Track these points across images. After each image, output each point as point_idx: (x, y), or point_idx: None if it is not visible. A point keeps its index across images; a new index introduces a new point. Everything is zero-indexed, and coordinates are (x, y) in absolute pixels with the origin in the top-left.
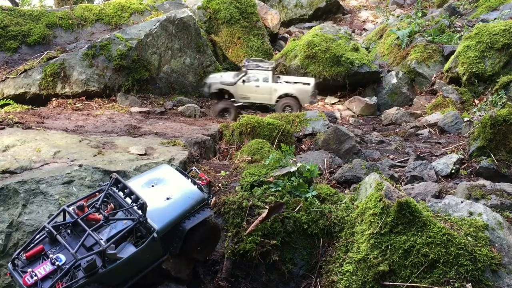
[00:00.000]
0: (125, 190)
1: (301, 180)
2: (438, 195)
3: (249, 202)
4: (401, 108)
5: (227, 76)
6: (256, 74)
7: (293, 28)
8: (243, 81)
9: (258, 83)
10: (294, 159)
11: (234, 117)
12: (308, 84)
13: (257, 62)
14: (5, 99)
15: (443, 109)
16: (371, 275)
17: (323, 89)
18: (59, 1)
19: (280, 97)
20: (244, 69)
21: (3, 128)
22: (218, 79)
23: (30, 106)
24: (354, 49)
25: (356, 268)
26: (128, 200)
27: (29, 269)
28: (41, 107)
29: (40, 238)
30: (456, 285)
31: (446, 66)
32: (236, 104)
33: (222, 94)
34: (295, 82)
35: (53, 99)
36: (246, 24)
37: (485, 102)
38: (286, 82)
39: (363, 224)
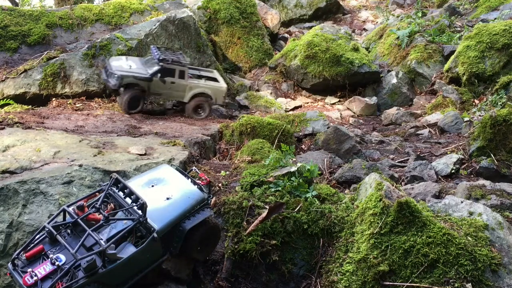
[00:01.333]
0: (125, 190)
1: (301, 180)
2: (438, 195)
3: (249, 202)
4: (401, 108)
5: (136, 65)
6: (172, 69)
7: (293, 28)
8: (161, 77)
9: (174, 79)
10: (294, 159)
11: (141, 108)
12: (215, 79)
13: (168, 53)
14: (5, 99)
15: (443, 109)
16: (371, 275)
17: (323, 89)
18: (59, 1)
19: (194, 96)
20: (160, 63)
21: (3, 128)
22: (128, 69)
23: (30, 106)
24: (354, 49)
25: (356, 268)
26: (128, 200)
27: (29, 269)
28: (41, 107)
29: (40, 238)
30: (456, 285)
31: (446, 66)
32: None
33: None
34: (200, 76)
35: (53, 99)
36: (246, 24)
37: (485, 102)
38: (193, 74)
39: (363, 224)
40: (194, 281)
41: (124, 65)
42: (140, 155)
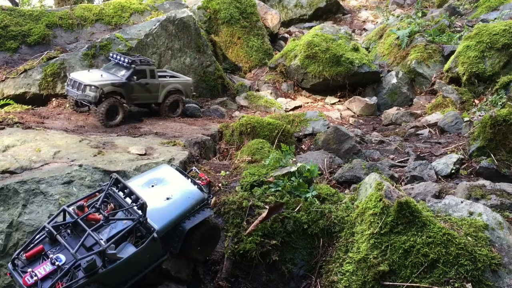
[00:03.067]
0: (125, 190)
1: (301, 180)
2: (438, 195)
3: (249, 202)
4: (401, 108)
5: (105, 74)
6: (143, 70)
7: (293, 28)
8: (136, 79)
9: (147, 79)
10: (294, 159)
11: (122, 118)
12: (175, 76)
13: (123, 56)
14: (5, 99)
15: (443, 109)
16: (371, 275)
17: (323, 89)
18: (59, 1)
19: (168, 93)
20: (132, 65)
21: (3, 128)
22: (102, 79)
23: (30, 106)
24: (354, 49)
25: (356, 268)
26: (128, 200)
27: (29, 269)
28: (41, 107)
29: (40, 238)
30: (456, 285)
31: (446, 66)
32: (125, 103)
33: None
34: (161, 76)
35: (53, 99)
36: (246, 24)
37: (485, 102)
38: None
39: (363, 224)
40: (194, 281)
41: (95, 76)
42: (140, 155)
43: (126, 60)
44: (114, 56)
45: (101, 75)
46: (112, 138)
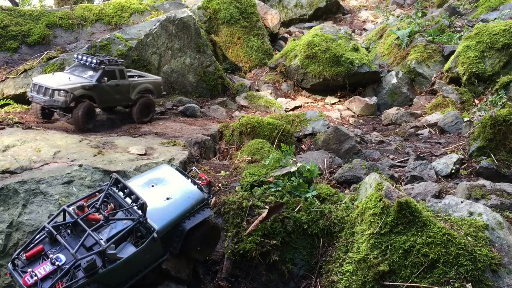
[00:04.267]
0: (125, 190)
1: (301, 180)
2: (438, 195)
3: (249, 202)
4: (401, 108)
5: (73, 77)
6: (113, 70)
7: (293, 28)
8: (107, 80)
9: (117, 80)
10: (294, 159)
11: (95, 123)
12: (142, 75)
13: (90, 56)
14: (5, 99)
15: (443, 109)
16: (371, 275)
17: (323, 89)
18: (59, 1)
19: (139, 94)
20: (101, 65)
21: (3, 128)
22: (71, 82)
23: (30, 106)
24: (354, 49)
25: (356, 268)
26: (128, 200)
27: (29, 269)
28: None
29: (40, 238)
30: (456, 285)
31: (446, 66)
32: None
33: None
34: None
35: None
36: (246, 24)
37: (485, 102)
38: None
39: (363, 224)
40: (194, 281)
41: (62, 80)
42: (140, 155)
43: (94, 61)
44: (80, 57)
45: (69, 78)
46: (112, 138)
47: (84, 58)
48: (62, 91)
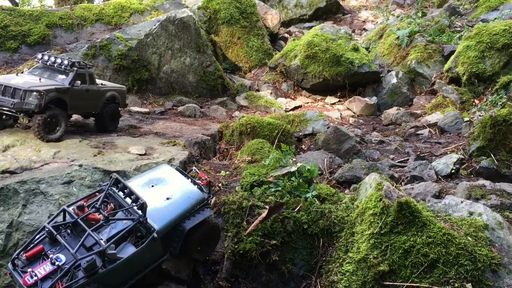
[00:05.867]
0: (125, 190)
1: (301, 180)
2: (438, 195)
3: (249, 202)
4: (401, 108)
5: (41, 78)
6: (83, 74)
7: (293, 28)
8: (79, 84)
9: (87, 85)
10: (294, 159)
11: (64, 131)
12: (102, 83)
13: (59, 57)
14: None
15: (443, 109)
16: (371, 275)
17: (323, 89)
18: (59, 1)
19: (105, 103)
20: (73, 67)
21: (3, 128)
22: (42, 83)
23: None
24: (354, 49)
25: (356, 268)
26: (128, 200)
27: (29, 269)
28: None
29: (40, 238)
30: (456, 285)
31: (446, 66)
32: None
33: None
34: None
35: None
36: (246, 24)
37: (485, 102)
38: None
39: (363, 224)
40: (194, 281)
41: (32, 81)
42: (140, 155)
43: (66, 62)
44: (46, 58)
45: (40, 80)
46: (112, 138)
47: (52, 59)
48: (35, 93)
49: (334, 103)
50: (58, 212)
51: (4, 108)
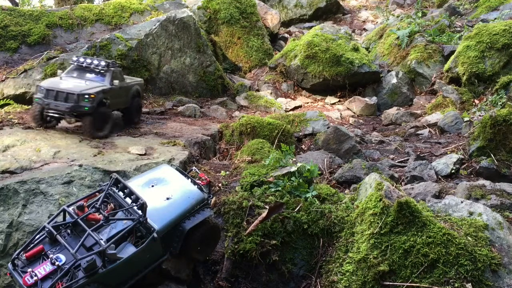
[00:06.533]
0: (125, 190)
1: (301, 180)
2: (438, 195)
3: (249, 202)
4: (401, 108)
5: (85, 80)
6: (117, 72)
7: (293, 28)
8: (113, 84)
9: (121, 83)
10: (294, 159)
11: (109, 129)
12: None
13: (95, 59)
14: (5, 99)
15: (443, 109)
16: (371, 275)
17: (323, 89)
18: (59, 1)
19: (132, 97)
20: (111, 68)
21: (3, 128)
22: (89, 86)
23: (30, 106)
24: (354, 49)
25: (356, 268)
26: (128, 200)
27: (29, 269)
28: None
29: (40, 238)
30: (456, 285)
31: (446, 66)
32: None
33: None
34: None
35: None
36: (246, 24)
37: (485, 102)
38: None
39: (363, 224)
40: (194, 281)
41: (79, 84)
42: (140, 155)
43: (103, 64)
44: (81, 60)
45: (85, 83)
46: (112, 138)
47: (88, 61)
48: (86, 96)
49: (334, 103)
50: (58, 212)
51: (59, 112)
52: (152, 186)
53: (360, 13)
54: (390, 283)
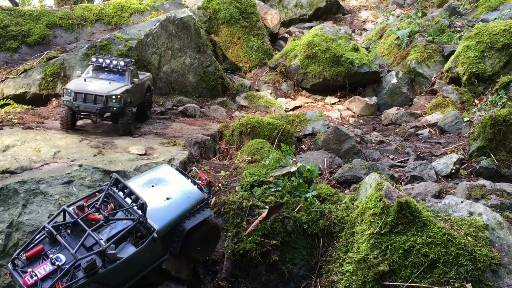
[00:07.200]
0: (125, 190)
1: (301, 180)
2: (438, 195)
3: (249, 202)
4: (401, 108)
5: (109, 80)
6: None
7: (293, 28)
8: (132, 82)
9: (137, 80)
10: (294, 159)
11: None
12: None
13: (115, 59)
14: (5, 99)
15: (443, 109)
16: (371, 275)
17: (323, 89)
18: (59, 1)
19: (145, 93)
20: (130, 67)
21: (3, 128)
22: (116, 87)
23: (30, 106)
24: (354, 49)
25: (356, 268)
26: (128, 200)
27: (29, 269)
28: (41, 107)
29: (40, 238)
30: (456, 285)
31: (446, 66)
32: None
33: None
34: None
35: (53, 99)
36: (246, 24)
37: (485, 102)
38: None
39: (363, 224)
40: (194, 281)
41: (104, 85)
42: (140, 155)
43: (122, 63)
44: (100, 60)
45: (109, 83)
46: (112, 138)
47: (108, 61)
48: (113, 97)
49: (334, 103)
50: (58, 212)
51: (88, 113)
52: (152, 186)
53: (360, 13)
54: (390, 283)
